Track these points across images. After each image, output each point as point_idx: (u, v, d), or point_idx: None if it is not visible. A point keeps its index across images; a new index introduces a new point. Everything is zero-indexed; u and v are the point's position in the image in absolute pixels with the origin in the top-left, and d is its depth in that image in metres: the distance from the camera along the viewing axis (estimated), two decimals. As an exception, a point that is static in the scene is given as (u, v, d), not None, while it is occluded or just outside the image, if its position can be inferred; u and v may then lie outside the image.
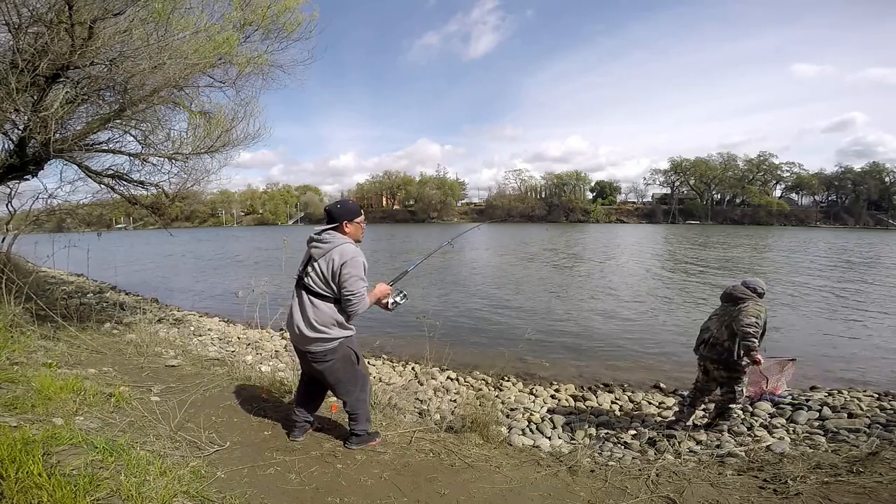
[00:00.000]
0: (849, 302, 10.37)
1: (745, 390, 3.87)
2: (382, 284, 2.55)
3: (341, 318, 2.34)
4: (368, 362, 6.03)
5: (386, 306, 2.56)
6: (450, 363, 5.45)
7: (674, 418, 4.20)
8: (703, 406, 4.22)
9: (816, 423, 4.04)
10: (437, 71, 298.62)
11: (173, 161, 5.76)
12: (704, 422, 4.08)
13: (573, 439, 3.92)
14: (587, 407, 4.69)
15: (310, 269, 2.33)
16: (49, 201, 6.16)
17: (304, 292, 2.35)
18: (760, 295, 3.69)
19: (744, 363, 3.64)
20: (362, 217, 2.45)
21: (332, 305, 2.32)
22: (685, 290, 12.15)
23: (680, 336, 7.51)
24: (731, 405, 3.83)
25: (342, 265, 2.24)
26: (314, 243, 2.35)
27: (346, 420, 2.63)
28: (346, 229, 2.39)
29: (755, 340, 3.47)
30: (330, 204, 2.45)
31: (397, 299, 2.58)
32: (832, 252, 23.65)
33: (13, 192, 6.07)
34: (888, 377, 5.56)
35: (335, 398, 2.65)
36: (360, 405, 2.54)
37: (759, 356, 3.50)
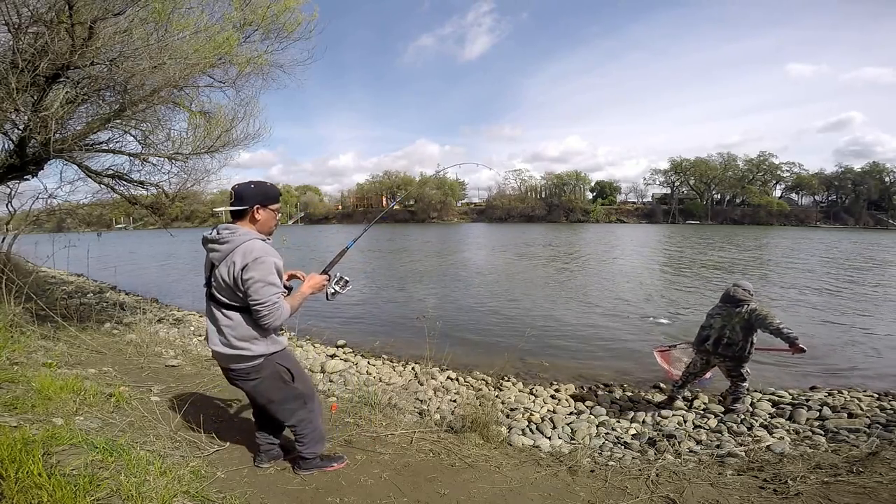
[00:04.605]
0: (849, 302, 10.36)
1: (749, 370, 4.37)
2: (314, 275, 2.13)
3: (263, 332, 1.91)
4: (368, 362, 6.01)
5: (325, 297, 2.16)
6: (450, 363, 5.44)
7: (667, 398, 4.70)
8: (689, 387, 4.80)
9: (816, 423, 4.04)
10: (434, 72, 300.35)
11: (173, 161, 5.76)
12: (723, 409, 4.45)
13: (573, 439, 3.92)
14: (587, 407, 4.69)
15: (213, 276, 1.91)
16: (49, 201, 6.16)
17: (212, 304, 1.95)
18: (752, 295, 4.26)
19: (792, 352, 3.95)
20: (279, 205, 1.98)
21: (249, 316, 1.88)
22: (685, 290, 12.14)
23: (680, 336, 7.49)
24: (742, 383, 4.34)
25: (243, 269, 1.77)
26: (210, 245, 1.88)
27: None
28: (258, 216, 1.90)
29: (791, 331, 3.90)
30: (241, 183, 1.90)
31: (336, 288, 2.16)
32: (832, 252, 23.64)
33: (13, 192, 6.07)
34: (888, 377, 5.55)
35: (335, 397, 2.62)
36: (306, 425, 2.14)
37: (802, 345, 3.89)
